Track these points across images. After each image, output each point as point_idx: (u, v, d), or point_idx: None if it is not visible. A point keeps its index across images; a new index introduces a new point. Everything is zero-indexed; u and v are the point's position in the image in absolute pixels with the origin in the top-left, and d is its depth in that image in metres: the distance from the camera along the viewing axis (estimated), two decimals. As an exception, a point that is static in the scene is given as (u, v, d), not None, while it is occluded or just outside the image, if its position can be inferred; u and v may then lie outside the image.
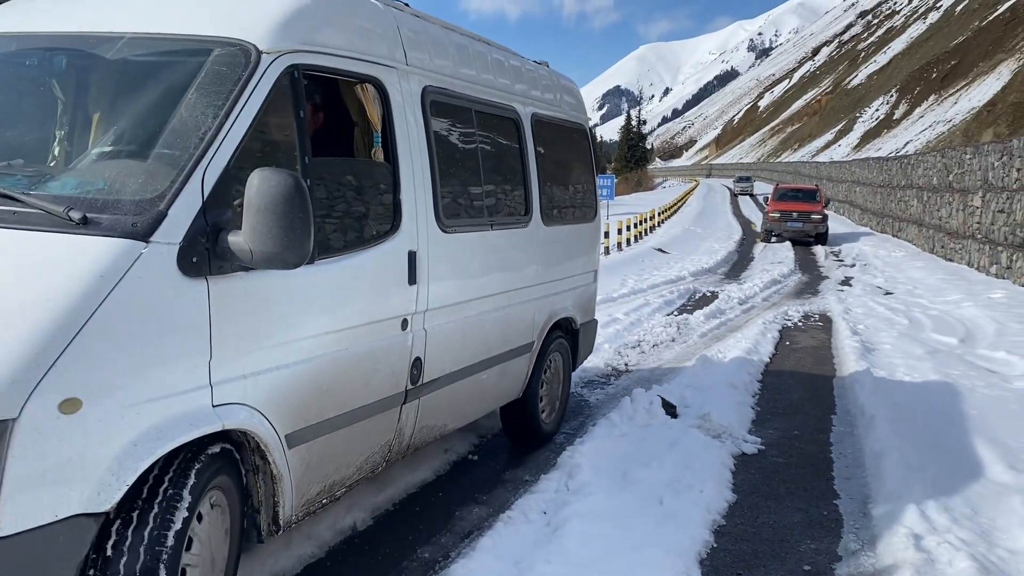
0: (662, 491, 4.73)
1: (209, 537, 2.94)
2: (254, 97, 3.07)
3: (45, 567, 2.35)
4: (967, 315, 11.73)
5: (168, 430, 2.65)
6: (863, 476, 5.39)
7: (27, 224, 2.65)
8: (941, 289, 14.66)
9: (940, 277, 16.41)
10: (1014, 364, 8.44)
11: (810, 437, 6.28)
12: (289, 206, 2.74)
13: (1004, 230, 15.81)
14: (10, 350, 2.29)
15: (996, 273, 15.98)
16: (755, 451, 5.83)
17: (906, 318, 11.57)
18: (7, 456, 2.23)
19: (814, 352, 9.67)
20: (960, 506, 4.64)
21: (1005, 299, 13.01)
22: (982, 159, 17.79)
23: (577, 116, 6.50)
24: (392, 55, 3.98)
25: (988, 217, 16.96)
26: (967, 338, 10.06)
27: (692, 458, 5.26)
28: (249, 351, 2.99)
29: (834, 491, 5.19)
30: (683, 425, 5.99)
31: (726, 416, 6.27)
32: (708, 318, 11.34)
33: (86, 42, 3.46)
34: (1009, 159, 15.81)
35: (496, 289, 4.87)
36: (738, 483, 5.20)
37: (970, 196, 18.41)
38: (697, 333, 10.37)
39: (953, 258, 19.29)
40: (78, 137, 3.48)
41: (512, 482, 5.05)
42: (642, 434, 5.74)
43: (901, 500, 4.64)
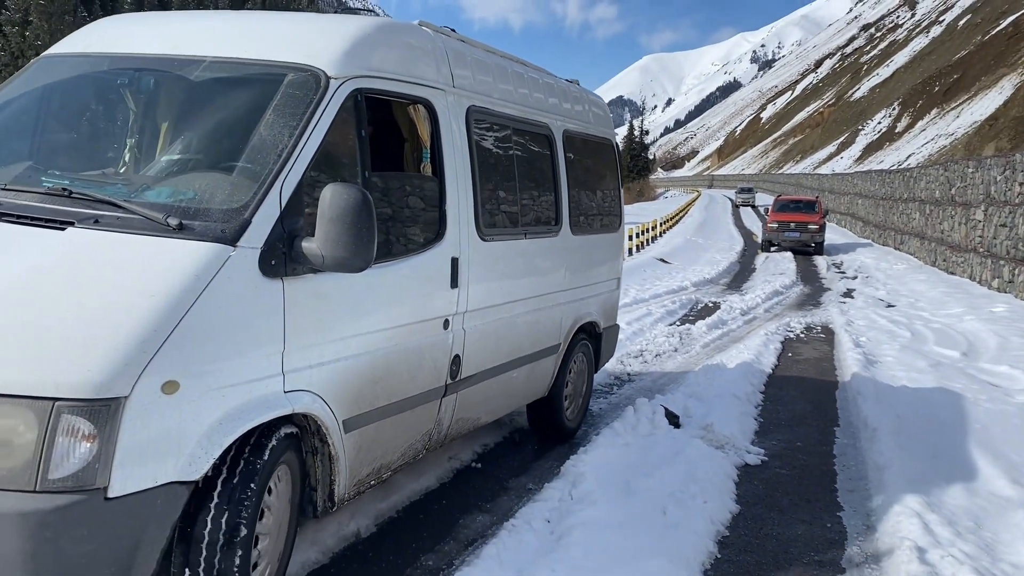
0: (665, 501, 4.72)
1: (277, 509, 3.29)
2: (324, 118, 3.43)
3: (144, 526, 2.69)
4: (969, 329, 11.73)
5: (248, 412, 3.01)
6: (866, 488, 5.38)
7: (129, 228, 3.00)
8: (943, 302, 14.67)
9: (942, 290, 16.42)
10: (1017, 378, 8.44)
11: (813, 449, 6.28)
12: (357, 217, 3.09)
13: (1006, 244, 15.82)
14: (122, 337, 2.64)
15: (998, 287, 15.98)
16: (758, 462, 5.83)
17: (908, 331, 11.57)
18: (120, 428, 2.58)
19: (816, 364, 9.68)
20: (963, 520, 4.64)
21: (1007, 313, 13.01)
22: (984, 173, 17.81)
23: (604, 131, 6.84)
24: (441, 78, 4.36)
25: (990, 231, 16.97)
26: (969, 352, 10.06)
27: (695, 468, 5.26)
28: (315, 344, 3.34)
29: (837, 503, 5.19)
30: (686, 435, 5.99)
31: (729, 427, 6.27)
32: (710, 328, 11.34)
33: (172, 64, 3.81)
34: (1012, 173, 15.83)
35: (528, 293, 5.20)
36: (741, 494, 5.20)
37: (972, 210, 18.43)
38: (699, 343, 10.38)
39: (955, 271, 19.30)
40: (165, 150, 3.74)
41: (516, 490, 5.05)
42: (645, 444, 5.73)
43: (905, 513, 4.64)
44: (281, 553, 3.37)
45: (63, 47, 4.25)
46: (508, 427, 6.27)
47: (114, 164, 3.83)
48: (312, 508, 3.61)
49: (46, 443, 2.51)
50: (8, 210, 3.12)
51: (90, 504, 2.56)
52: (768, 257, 24.65)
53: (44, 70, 4.17)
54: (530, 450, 5.92)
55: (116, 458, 2.59)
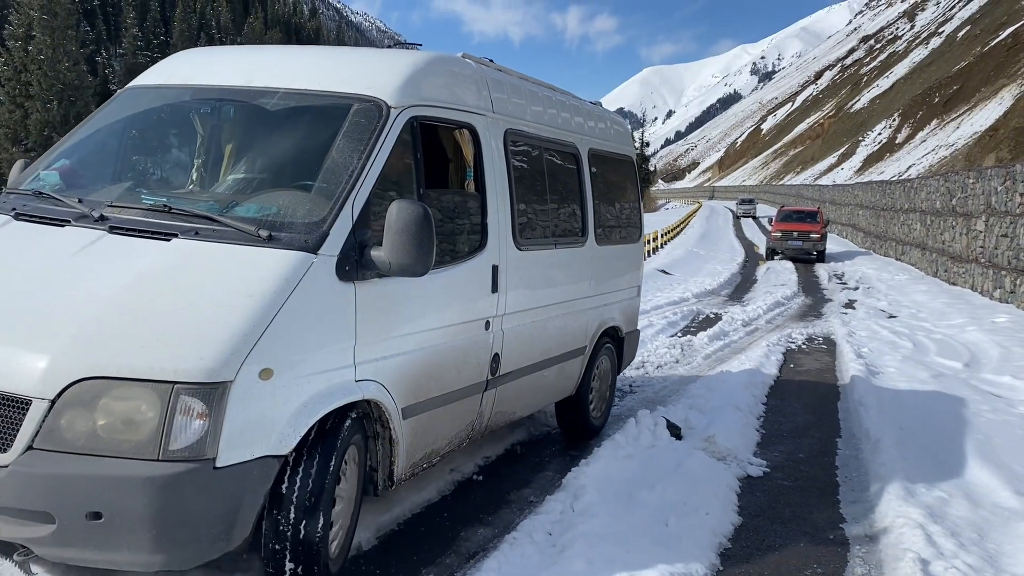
0: (667, 513, 4.71)
1: (348, 482, 3.75)
2: (386, 142, 3.91)
3: (244, 492, 3.16)
4: (971, 339, 11.71)
5: (327, 397, 3.47)
6: (869, 500, 5.36)
7: (226, 239, 3.49)
8: (945, 313, 14.65)
9: (944, 301, 16.40)
10: (1019, 389, 8.43)
11: (815, 460, 6.26)
12: (420, 228, 3.56)
13: (1008, 254, 15.82)
14: (228, 331, 3.13)
15: (1000, 297, 15.97)
16: (760, 474, 5.81)
17: (910, 341, 11.56)
18: (226, 408, 3.05)
19: (818, 375, 9.66)
20: (967, 531, 4.63)
21: (1009, 323, 12.99)
22: (985, 183, 17.83)
23: (625, 148, 7.32)
24: (482, 105, 4.83)
25: (991, 241, 16.97)
26: (971, 362, 10.05)
27: (697, 480, 5.25)
28: (380, 340, 3.81)
29: (840, 515, 5.17)
30: (688, 447, 5.98)
31: (731, 438, 6.26)
32: (712, 340, 11.33)
33: (249, 95, 4.30)
34: (1012, 184, 15.84)
35: (558, 299, 5.64)
36: (744, 506, 5.18)
37: (973, 220, 18.43)
38: (701, 355, 10.36)
39: (956, 282, 19.28)
40: (247, 171, 4.21)
41: (517, 503, 5.04)
42: (647, 456, 5.72)
43: (908, 524, 4.62)
44: (349, 524, 3.83)
45: (147, 79, 4.75)
46: (509, 439, 6.26)
47: (201, 183, 4.37)
48: (373, 487, 4.05)
49: (167, 420, 2.99)
50: (118, 224, 3.63)
51: (202, 472, 3.03)
52: (769, 268, 24.67)
53: (130, 100, 4.68)
54: (531, 462, 5.91)
55: (223, 433, 3.06)
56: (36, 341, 3.12)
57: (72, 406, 3.00)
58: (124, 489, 2.95)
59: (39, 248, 3.64)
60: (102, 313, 3.20)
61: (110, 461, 2.98)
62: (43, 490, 2.98)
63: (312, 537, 3.41)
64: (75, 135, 4.58)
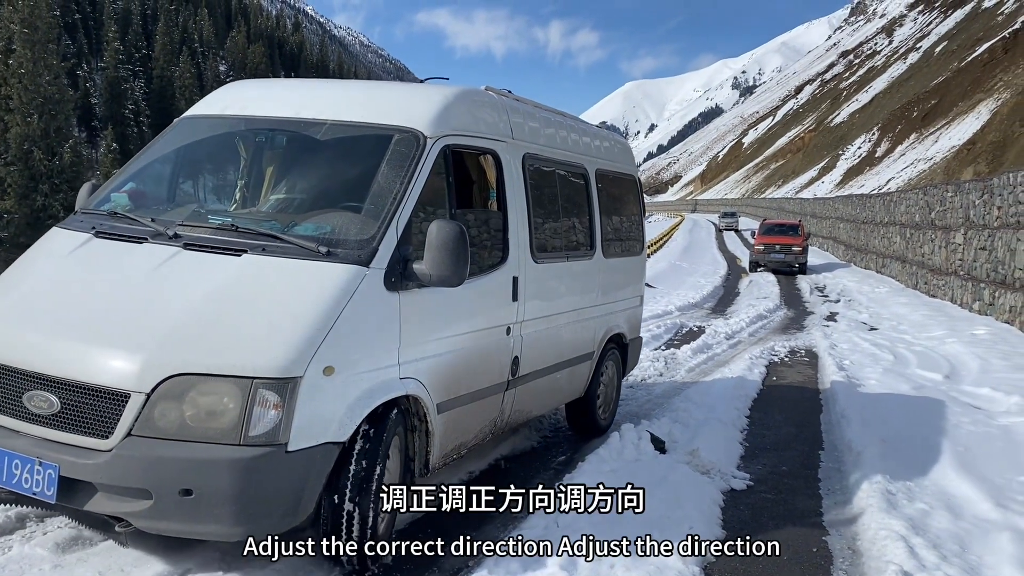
0: (651, 527, 4.70)
1: (392, 468, 4.17)
2: (423, 169, 4.35)
3: (309, 473, 3.63)
4: (951, 351, 11.82)
5: (377, 392, 3.95)
6: (851, 512, 5.38)
7: (289, 254, 3.95)
8: (925, 325, 14.78)
9: (924, 313, 16.54)
10: (998, 400, 8.50)
11: (798, 473, 6.29)
12: (457, 244, 4.01)
13: (986, 267, 15.99)
14: (297, 334, 3.61)
15: (979, 309, 16.12)
16: (744, 487, 5.83)
17: (891, 354, 11.64)
18: (296, 400, 3.52)
19: (801, 387, 9.71)
20: (948, 543, 4.65)
21: (988, 335, 13.12)
22: (963, 197, 18.03)
23: (629, 168, 7.75)
24: (503, 133, 5.29)
25: (970, 254, 17.15)
26: (952, 374, 10.13)
27: (681, 494, 5.25)
28: (420, 342, 4.26)
29: (823, 527, 5.19)
30: (672, 461, 5.99)
31: (715, 452, 6.28)
32: (695, 353, 11.36)
33: (299, 125, 4.76)
34: (990, 197, 16.04)
35: (569, 307, 6.10)
36: (727, 519, 5.19)
37: (952, 233, 18.62)
38: (684, 368, 10.39)
39: (936, 294, 19.46)
40: (301, 194, 4.69)
41: (501, 518, 5.01)
42: (631, 470, 5.71)
43: (890, 537, 4.64)
44: None
45: (201, 110, 5.19)
46: (493, 454, 6.24)
47: (259, 205, 4.81)
48: (410, 475, 4.43)
49: (247, 410, 3.45)
50: (192, 241, 4.08)
51: (276, 455, 3.49)
52: (752, 281, 24.81)
53: (187, 129, 5.16)
54: (516, 476, 5.89)
55: (294, 422, 3.52)
56: (132, 343, 3.58)
57: (165, 399, 3.47)
58: (211, 469, 3.42)
59: (122, 262, 4.11)
60: (187, 319, 3.67)
61: (199, 446, 3.45)
62: (142, 470, 3.44)
63: (364, 515, 3.85)
64: (138, 160, 5.02)
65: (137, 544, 4.06)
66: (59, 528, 4.27)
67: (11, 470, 3.58)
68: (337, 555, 3.89)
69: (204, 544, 4.04)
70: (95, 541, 4.14)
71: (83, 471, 3.49)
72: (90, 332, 3.70)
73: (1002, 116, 39.82)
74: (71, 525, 4.20)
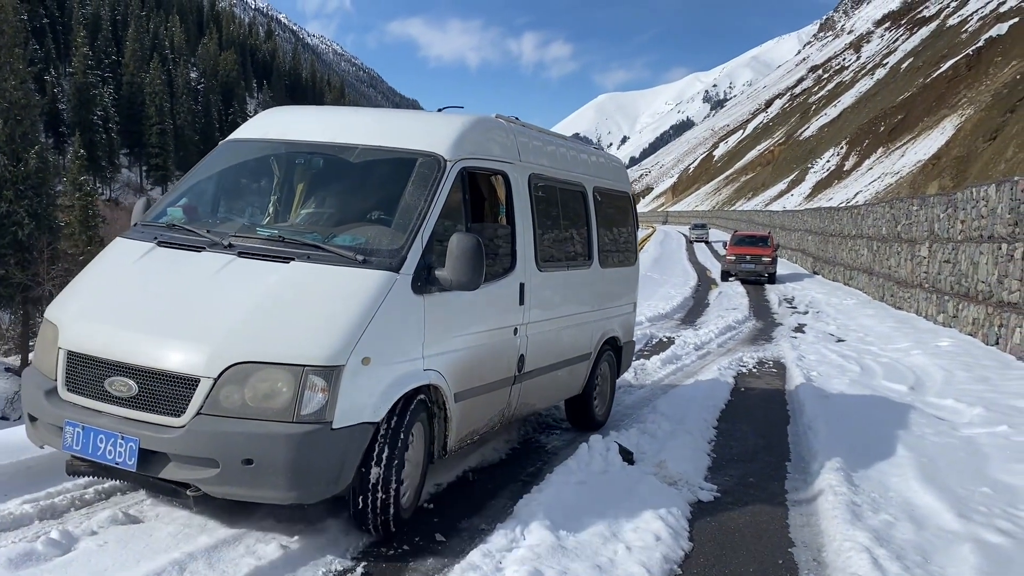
0: (618, 541, 4.68)
1: (415, 448, 4.74)
2: (443, 188, 4.94)
3: (349, 448, 4.19)
4: (916, 363, 11.97)
5: (405, 380, 4.50)
6: (817, 524, 5.41)
7: (331, 262, 4.51)
8: (891, 337, 14.96)
9: (890, 325, 16.75)
10: (961, 411, 8.61)
11: (765, 484, 6.31)
12: (474, 254, 4.60)
13: (950, 280, 16.23)
14: (341, 329, 4.18)
15: (943, 322, 16.36)
16: (711, 499, 5.83)
17: (858, 365, 11.76)
18: (340, 385, 4.08)
19: (768, 398, 9.77)
20: (911, 554, 4.69)
21: (952, 347, 13.31)
22: (928, 211, 18.32)
23: (623, 186, 8.33)
24: (512, 155, 5.90)
25: (935, 267, 17.41)
26: (917, 386, 10.25)
27: (649, 506, 5.24)
28: (440, 339, 4.81)
29: (789, 539, 5.20)
30: (640, 472, 5.98)
31: (682, 463, 6.28)
32: (664, 363, 11.40)
33: (334, 149, 5.37)
34: (954, 211, 16.31)
35: (569, 311, 6.69)
36: (694, 531, 5.19)
37: (918, 246, 18.90)
38: (653, 379, 10.42)
39: (902, 306, 19.72)
40: (334, 211, 5.28)
41: (468, 531, 4.97)
42: (599, 482, 5.70)
43: (855, 548, 4.67)
44: (418, 481, 4.86)
45: (244, 133, 5.85)
46: (461, 466, 6.19)
47: (294, 219, 5.40)
48: (431, 456, 5.00)
49: (299, 393, 4.02)
50: (245, 250, 4.64)
51: (323, 431, 4.05)
52: (721, 292, 24.98)
53: (231, 150, 5.79)
54: (484, 489, 5.85)
55: (338, 404, 4.08)
56: (201, 336, 4.14)
57: (229, 383, 4.03)
58: (269, 443, 3.96)
59: (185, 268, 4.65)
60: (246, 316, 4.23)
61: (258, 423, 4.00)
62: (210, 443, 3.98)
63: (388, 487, 4.40)
64: (190, 178, 5.64)
65: (201, 509, 4.67)
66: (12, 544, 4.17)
67: (96, 444, 4.14)
68: (365, 522, 4.47)
69: (259, 508, 4.71)
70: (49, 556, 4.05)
71: (160, 444, 4.05)
72: (163, 327, 4.27)
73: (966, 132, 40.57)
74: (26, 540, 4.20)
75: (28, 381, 4.65)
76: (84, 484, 5.03)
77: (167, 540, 4.34)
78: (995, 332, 13.37)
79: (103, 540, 4.30)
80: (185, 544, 4.28)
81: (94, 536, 4.34)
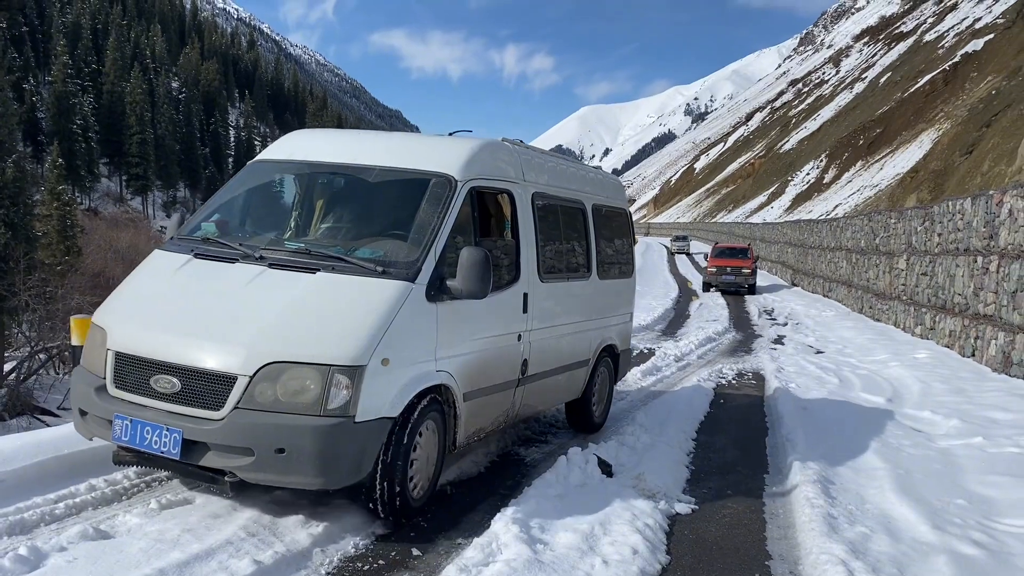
0: (596, 554, 4.66)
1: (425, 443, 5.17)
2: (454, 206, 5.41)
3: (369, 441, 4.61)
4: (894, 375, 12.04)
5: (419, 380, 4.94)
6: (794, 536, 5.42)
7: (353, 272, 4.96)
8: (869, 349, 15.06)
9: (868, 337, 16.86)
10: (938, 423, 8.66)
11: (743, 497, 6.31)
12: (482, 266, 5.08)
13: (927, 292, 16.37)
14: (363, 333, 4.61)
15: (921, 334, 16.48)
16: (689, 511, 5.82)
17: (836, 377, 11.82)
18: (362, 383, 4.51)
19: (747, 410, 9.79)
20: (887, 566, 4.70)
21: (929, 359, 13.41)
22: (906, 223, 18.48)
23: (620, 203, 8.79)
24: (517, 175, 6.37)
25: (912, 279, 17.56)
26: (894, 397, 10.31)
27: (627, 519, 5.22)
28: (451, 343, 5.26)
29: (766, 552, 5.20)
30: (618, 485, 5.97)
31: (661, 476, 6.27)
32: (644, 375, 11.41)
33: (354, 170, 5.84)
34: (931, 224, 16.46)
35: (569, 320, 7.12)
36: (672, 544, 5.17)
37: (895, 259, 19.06)
38: (633, 390, 10.41)
39: (881, 318, 19.87)
40: (354, 226, 5.72)
41: (444, 545, 4.94)
42: (577, 494, 5.69)
43: (831, 561, 4.67)
44: (431, 472, 5.32)
45: (270, 155, 6.32)
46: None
47: (324, 233, 5.81)
48: (443, 450, 5.43)
49: (326, 389, 4.45)
50: (275, 262, 5.10)
51: (347, 424, 4.48)
52: (702, 304, 25.08)
53: (258, 170, 6.25)
54: (462, 503, 5.81)
55: (360, 400, 4.51)
56: (237, 339, 4.58)
57: (263, 380, 4.46)
58: (300, 433, 4.38)
59: (221, 277, 5.09)
60: (278, 320, 4.67)
61: (289, 416, 4.42)
62: (246, 434, 4.40)
63: (402, 478, 4.88)
64: (221, 196, 6.13)
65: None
66: None
67: (143, 435, 4.56)
68: (378, 509, 4.91)
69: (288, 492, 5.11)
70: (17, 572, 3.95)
71: (201, 435, 4.47)
72: (203, 330, 4.70)
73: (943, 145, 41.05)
74: None
75: (77, 379, 5.10)
76: (54, 499, 4.97)
77: (138, 556, 4.28)
78: (971, 344, 13.49)
79: (72, 556, 4.23)
80: (156, 560, 4.22)
81: (63, 552, 4.28)
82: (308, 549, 4.60)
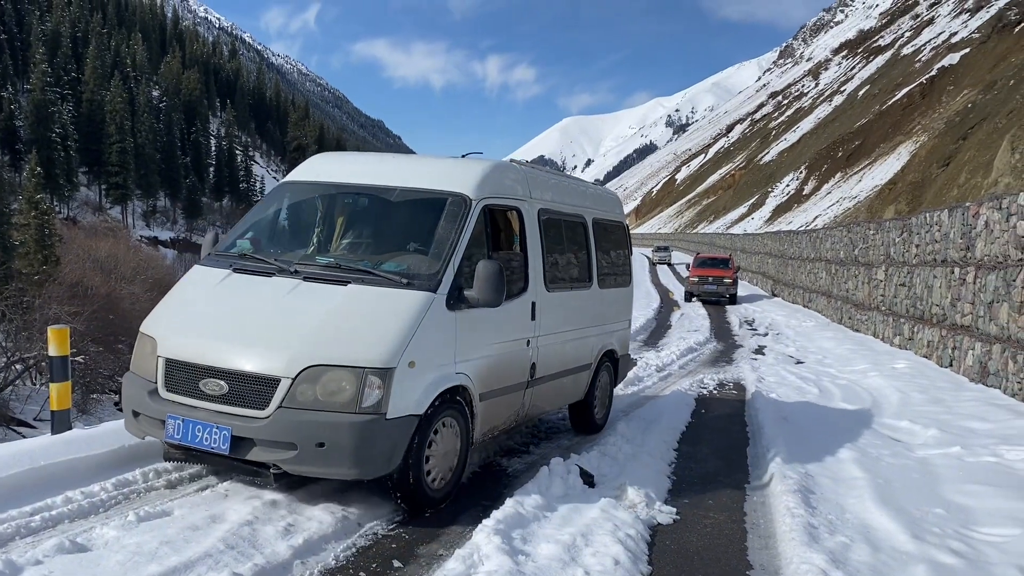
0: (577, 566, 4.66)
1: (444, 440, 5.62)
2: (469, 223, 5.91)
3: (398, 436, 5.08)
4: (873, 385, 12.13)
5: (441, 380, 5.43)
6: (776, 547, 5.43)
7: (381, 284, 5.46)
8: (849, 359, 15.16)
9: (848, 347, 16.97)
10: (916, 433, 8.73)
11: (724, 507, 6.33)
12: (496, 277, 5.62)
13: (906, 303, 16.53)
14: (392, 339, 5.10)
15: (899, 344, 16.62)
16: (670, 521, 5.83)
17: (816, 387, 11.89)
18: (392, 384, 4.99)
19: (728, 420, 9.82)
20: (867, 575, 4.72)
21: (908, 369, 13.52)
22: (884, 235, 18.66)
23: (619, 217, 9.33)
24: (524, 194, 6.90)
25: (891, 290, 17.71)
26: (873, 407, 10.38)
27: (607, 530, 5.22)
28: (468, 348, 5.75)
29: (747, 562, 5.22)
30: (600, 495, 5.96)
31: (643, 486, 6.27)
32: (626, 385, 11.41)
33: (377, 190, 6.37)
34: (909, 235, 16.63)
35: (573, 327, 7.61)
36: (653, 555, 5.18)
37: (874, 270, 19.23)
38: (615, 400, 10.40)
39: (860, 329, 20.02)
40: (377, 243, 6.22)
41: (425, 557, 4.92)
42: (559, 504, 5.68)
43: (812, 571, 4.69)
44: (452, 465, 5.75)
45: (298, 176, 6.83)
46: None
47: (352, 249, 6.23)
48: (464, 446, 5.85)
49: (360, 389, 4.94)
50: (309, 275, 5.60)
51: (380, 421, 4.96)
52: (683, 314, 25.18)
53: (288, 190, 6.76)
54: (444, 513, 5.79)
55: (391, 398, 4.99)
56: (280, 345, 5.09)
57: (304, 381, 4.94)
58: (338, 429, 4.87)
59: (260, 290, 5.59)
60: (316, 328, 5.16)
61: (328, 413, 4.92)
62: (290, 430, 4.89)
63: (421, 467, 5.36)
64: (253, 215, 6.68)
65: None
66: None
67: (194, 433, 5.04)
68: (401, 498, 5.39)
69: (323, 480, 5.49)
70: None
71: (248, 431, 4.95)
72: (247, 338, 5.20)
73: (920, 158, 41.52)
74: None
75: (130, 384, 5.59)
76: (29, 512, 4.93)
77: (115, 569, 4.23)
78: (949, 354, 13.62)
79: (48, 569, 4.19)
80: (134, 573, 4.18)
81: (39, 565, 4.23)
82: (288, 561, 4.57)
